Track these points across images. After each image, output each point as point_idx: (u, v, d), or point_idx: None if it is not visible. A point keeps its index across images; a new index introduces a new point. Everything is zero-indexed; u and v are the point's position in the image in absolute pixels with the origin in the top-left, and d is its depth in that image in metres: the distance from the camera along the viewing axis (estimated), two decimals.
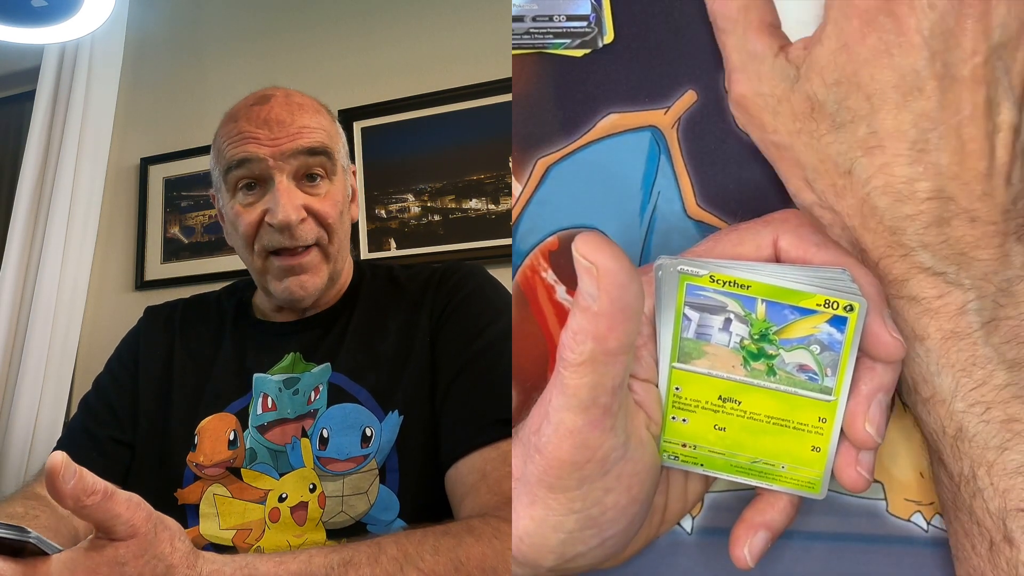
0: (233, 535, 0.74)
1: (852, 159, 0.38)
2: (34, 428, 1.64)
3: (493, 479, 0.67)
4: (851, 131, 0.37)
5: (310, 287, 0.79)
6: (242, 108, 0.81)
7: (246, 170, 0.78)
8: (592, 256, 0.33)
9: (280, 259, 0.79)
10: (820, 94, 0.38)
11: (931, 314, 0.37)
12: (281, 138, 0.77)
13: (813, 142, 0.38)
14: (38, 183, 1.79)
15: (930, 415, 0.38)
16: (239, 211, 0.79)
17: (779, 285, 0.37)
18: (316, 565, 0.54)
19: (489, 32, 1.58)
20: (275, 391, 0.79)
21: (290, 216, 0.76)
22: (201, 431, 0.79)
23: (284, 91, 0.83)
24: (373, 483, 0.73)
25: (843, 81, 0.37)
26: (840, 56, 0.37)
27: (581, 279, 0.33)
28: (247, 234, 0.79)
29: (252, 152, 0.77)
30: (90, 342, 1.74)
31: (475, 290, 0.81)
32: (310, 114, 0.80)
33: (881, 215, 0.37)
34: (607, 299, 0.33)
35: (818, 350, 0.37)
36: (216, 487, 0.76)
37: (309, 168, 0.79)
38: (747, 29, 0.40)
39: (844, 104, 0.37)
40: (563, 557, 0.38)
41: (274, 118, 0.78)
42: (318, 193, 0.79)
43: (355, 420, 0.75)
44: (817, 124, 0.38)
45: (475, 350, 0.75)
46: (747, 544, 0.40)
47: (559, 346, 0.35)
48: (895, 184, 0.37)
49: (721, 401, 0.39)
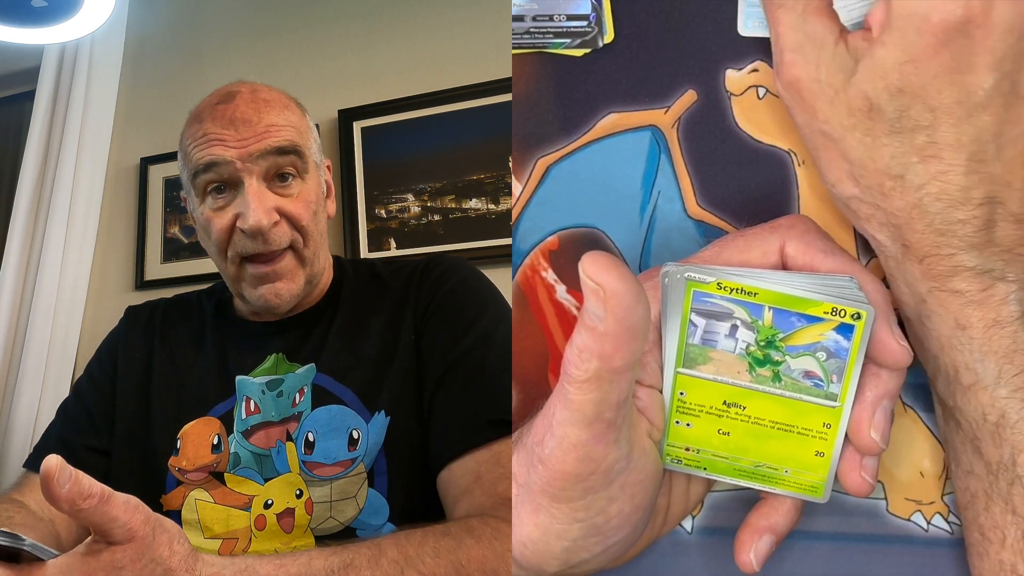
0: (219, 545, 0.73)
1: (906, 164, 0.37)
2: (34, 428, 1.64)
3: (487, 481, 0.66)
4: (909, 138, 0.37)
5: (285, 294, 0.77)
6: (206, 107, 0.78)
7: (214, 173, 0.75)
8: (599, 277, 0.33)
9: (254, 266, 0.76)
10: (881, 98, 0.37)
11: (975, 304, 0.37)
12: (248, 138, 0.74)
13: (867, 140, 0.38)
14: (38, 183, 1.79)
15: (970, 403, 0.38)
16: (209, 216, 0.76)
17: (786, 293, 0.37)
18: (316, 568, 0.53)
19: (489, 32, 1.58)
20: (258, 394, 0.77)
21: (261, 220, 0.73)
22: (184, 435, 0.77)
23: (250, 86, 0.79)
24: (362, 487, 0.71)
25: (907, 91, 0.36)
26: (907, 67, 0.36)
27: (588, 299, 0.33)
28: (219, 241, 0.76)
29: (219, 155, 0.74)
30: (90, 342, 1.74)
31: (459, 284, 0.79)
32: (277, 110, 0.77)
33: (931, 219, 0.37)
34: (613, 320, 0.33)
35: (824, 357, 0.37)
36: (198, 492, 0.75)
37: (279, 168, 0.76)
38: (807, 8, 0.39)
39: (906, 113, 0.37)
40: (567, 563, 0.38)
41: (240, 117, 0.75)
42: (290, 194, 0.76)
43: (341, 422, 0.73)
44: (873, 124, 0.37)
45: (463, 348, 0.73)
46: (752, 548, 0.40)
47: (564, 361, 0.35)
48: (950, 191, 0.37)
49: (726, 406, 0.39)
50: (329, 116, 1.65)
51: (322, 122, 1.63)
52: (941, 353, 0.38)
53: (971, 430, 0.38)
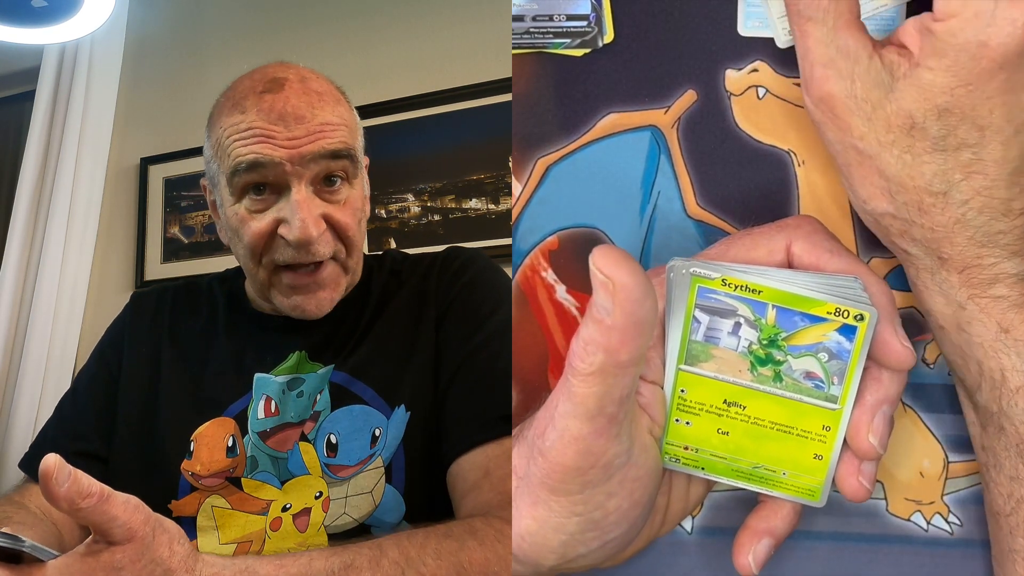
0: (234, 549, 0.70)
1: (950, 182, 0.37)
2: (34, 428, 1.64)
3: (496, 477, 0.64)
4: (953, 156, 0.37)
5: (327, 304, 0.72)
6: (250, 95, 0.70)
7: (258, 174, 0.68)
8: (609, 270, 0.33)
9: (293, 275, 0.71)
10: (927, 119, 0.36)
11: (1017, 308, 0.37)
12: (300, 138, 0.67)
13: (907, 158, 0.37)
14: (38, 183, 1.79)
15: (1018, 405, 0.38)
16: (244, 217, 0.70)
17: (790, 291, 0.37)
18: (317, 568, 0.52)
19: (489, 32, 1.58)
20: (278, 393, 0.73)
21: (311, 233, 0.67)
22: (198, 437, 0.73)
23: (297, 72, 0.72)
24: (379, 482, 0.69)
25: (956, 112, 0.36)
26: (960, 91, 0.36)
27: (596, 292, 0.33)
28: (254, 245, 0.70)
29: (267, 155, 0.67)
30: (90, 342, 1.73)
31: (476, 276, 0.77)
32: (331, 106, 0.71)
33: (973, 232, 0.37)
34: (621, 313, 0.33)
35: (826, 358, 0.37)
36: (215, 499, 0.71)
37: (330, 172, 0.69)
38: (839, 21, 0.38)
39: (953, 132, 0.36)
40: (564, 557, 0.38)
41: (291, 112, 0.68)
42: (337, 200, 0.71)
43: (364, 422, 0.70)
44: (914, 141, 0.37)
45: (477, 342, 0.71)
46: (751, 551, 0.40)
47: (569, 354, 0.35)
48: (993, 204, 0.37)
49: (726, 405, 0.39)
50: None
51: None
52: (985, 358, 0.38)
53: (1017, 434, 0.38)
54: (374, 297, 0.78)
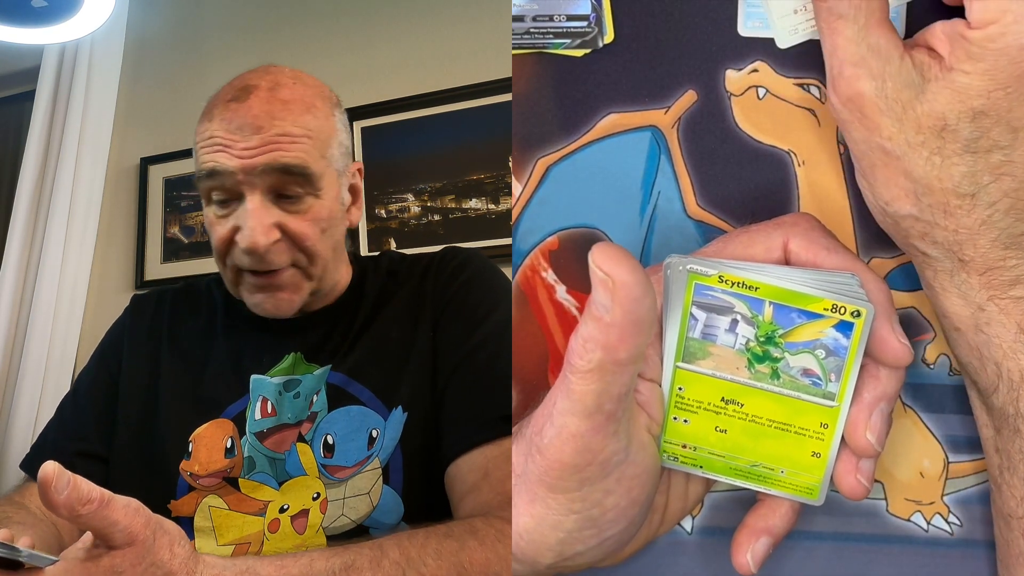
0: (232, 551, 0.70)
1: (979, 184, 0.37)
2: (34, 428, 1.64)
3: (496, 478, 0.64)
4: (984, 158, 0.37)
5: (285, 307, 0.73)
6: (220, 103, 0.72)
7: (216, 181, 0.70)
8: (608, 267, 0.33)
9: (253, 276, 0.72)
10: (960, 121, 0.36)
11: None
12: (253, 148, 0.68)
13: (936, 159, 0.37)
14: (38, 183, 1.79)
15: None
16: (212, 221, 0.72)
17: (787, 288, 0.37)
18: (317, 569, 0.52)
19: (489, 32, 1.58)
20: (275, 394, 0.74)
21: (258, 241, 0.68)
22: (197, 438, 0.73)
23: (271, 80, 0.72)
24: (376, 483, 0.69)
25: (991, 115, 0.36)
26: (997, 94, 0.36)
27: (595, 289, 0.33)
28: (219, 248, 0.72)
29: (222, 164, 0.69)
30: (90, 342, 1.74)
31: (474, 276, 0.77)
32: (295, 115, 0.70)
33: (998, 234, 0.37)
34: (620, 311, 0.33)
35: (823, 355, 0.37)
36: (212, 499, 0.71)
37: (284, 186, 0.70)
38: (870, 19, 0.37)
39: (986, 134, 0.36)
40: (562, 555, 0.38)
41: (250, 122, 0.69)
42: (297, 210, 0.71)
43: (361, 423, 0.71)
44: (944, 143, 0.37)
45: (475, 342, 0.71)
46: (749, 550, 0.40)
47: (568, 351, 0.35)
48: (1019, 206, 0.37)
49: (723, 403, 0.39)
50: None
51: None
52: (1004, 359, 0.38)
53: None
54: (369, 298, 0.79)
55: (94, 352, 0.84)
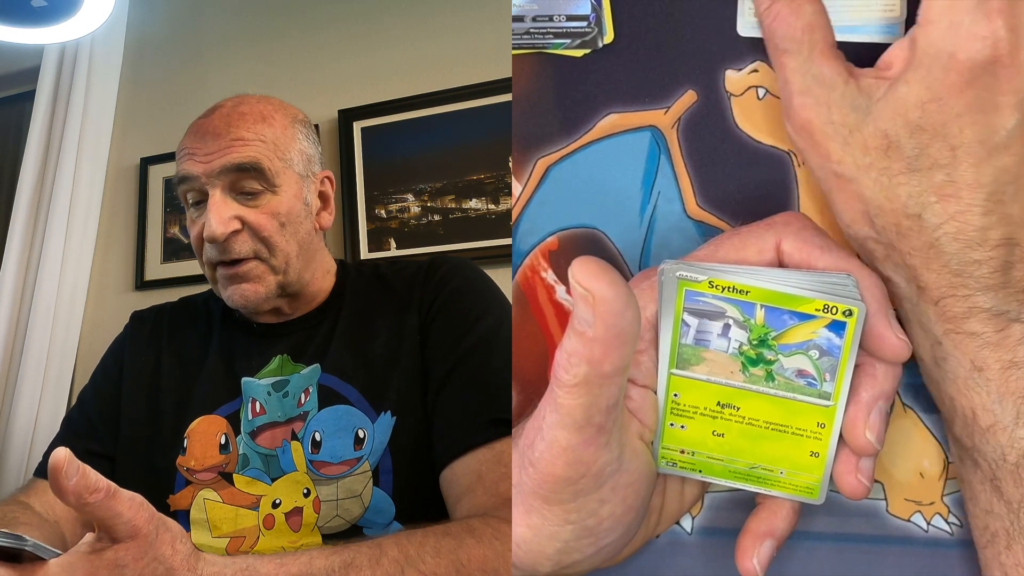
0: (227, 543, 0.73)
1: (924, 204, 0.37)
2: (34, 428, 1.64)
3: (489, 480, 0.66)
4: (927, 176, 0.37)
5: (251, 296, 0.78)
6: (195, 121, 0.81)
7: (187, 186, 0.78)
8: (588, 283, 0.33)
9: (222, 269, 0.79)
10: (900, 136, 0.37)
11: (991, 347, 0.37)
12: (212, 153, 0.76)
13: (883, 179, 0.37)
14: (38, 183, 1.78)
15: (989, 444, 0.38)
16: (191, 223, 0.80)
17: (777, 290, 0.37)
18: (317, 567, 0.53)
19: (489, 32, 1.58)
20: (264, 395, 0.78)
21: (215, 231, 0.75)
22: (191, 434, 0.78)
23: (238, 100, 0.81)
24: (367, 486, 0.72)
25: (928, 129, 0.36)
26: (930, 106, 0.36)
27: (576, 305, 0.33)
28: (196, 247, 0.80)
29: (188, 170, 0.77)
30: (90, 342, 1.74)
31: (463, 283, 0.80)
32: (249, 124, 0.78)
33: (947, 259, 0.37)
34: (602, 326, 0.33)
35: (817, 355, 0.37)
36: (207, 492, 0.76)
37: (240, 183, 0.77)
38: (812, 51, 0.38)
39: (925, 151, 0.36)
40: (559, 564, 0.38)
41: (211, 131, 0.77)
42: (256, 204, 0.77)
43: (347, 422, 0.74)
44: (890, 163, 0.37)
45: (465, 347, 0.74)
46: (755, 554, 0.40)
47: (554, 365, 0.35)
48: (967, 232, 0.36)
49: (720, 407, 0.39)
50: (329, 116, 1.65)
51: (322, 122, 1.63)
52: (958, 395, 0.38)
53: (991, 470, 0.38)
54: (352, 301, 0.83)
55: (95, 368, 0.90)
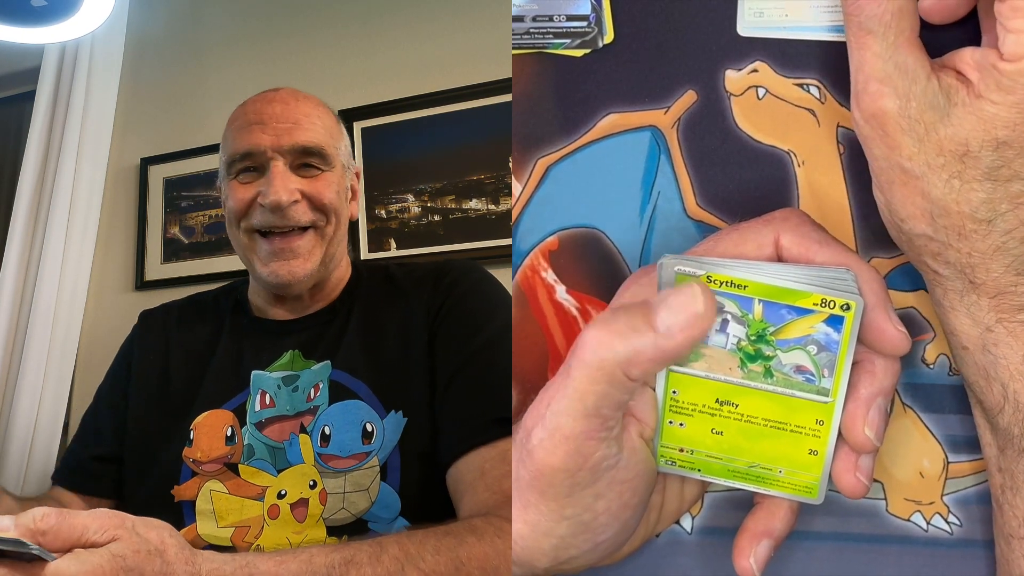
0: (232, 533, 0.74)
1: (997, 212, 0.37)
2: (34, 428, 1.64)
3: (492, 478, 0.67)
4: (1004, 186, 0.37)
5: (299, 272, 0.80)
6: (250, 100, 0.83)
7: (248, 159, 0.80)
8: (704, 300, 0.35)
9: (270, 241, 0.80)
10: (982, 149, 0.36)
11: None
12: (281, 128, 0.79)
13: (955, 183, 0.37)
14: (38, 183, 1.78)
15: None
16: (234, 187, 0.81)
17: (775, 284, 0.37)
18: (317, 564, 0.54)
19: (489, 32, 1.57)
20: (273, 388, 0.79)
21: (281, 197, 0.77)
22: (197, 426, 0.79)
23: (291, 89, 0.85)
24: (374, 480, 0.73)
25: (1015, 146, 0.36)
26: (1022, 127, 0.36)
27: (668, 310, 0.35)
28: (237, 210, 0.80)
29: (254, 142, 0.79)
30: (90, 342, 1.74)
31: (472, 287, 0.81)
32: (311, 106, 0.82)
33: (1012, 260, 0.37)
34: (684, 340, 0.35)
35: (815, 351, 0.37)
36: (213, 483, 0.76)
37: (305, 160, 0.80)
38: (899, 38, 0.37)
39: (1008, 164, 0.36)
40: (556, 560, 0.38)
41: (277, 108, 0.80)
42: (313, 176, 0.81)
43: (356, 416, 0.75)
44: (965, 168, 0.37)
45: (473, 348, 0.75)
46: (752, 554, 0.40)
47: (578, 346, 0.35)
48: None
49: (718, 404, 0.39)
50: None
51: None
52: (1011, 381, 0.38)
53: None
54: (364, 300, 0.84)
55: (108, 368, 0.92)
